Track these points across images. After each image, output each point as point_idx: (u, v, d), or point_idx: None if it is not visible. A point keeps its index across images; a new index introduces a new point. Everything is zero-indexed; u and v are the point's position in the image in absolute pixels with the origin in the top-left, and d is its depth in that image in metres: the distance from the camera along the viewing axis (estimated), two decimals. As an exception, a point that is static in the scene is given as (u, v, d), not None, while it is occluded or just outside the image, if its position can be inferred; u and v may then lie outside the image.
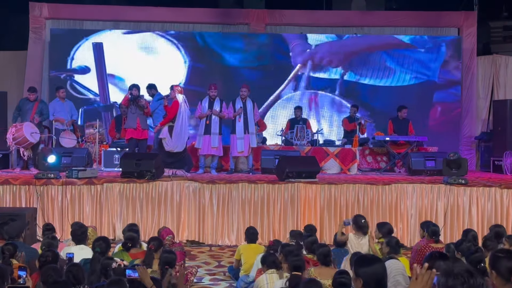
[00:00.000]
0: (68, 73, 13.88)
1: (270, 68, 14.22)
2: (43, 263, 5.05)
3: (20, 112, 11.11)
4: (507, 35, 16.65)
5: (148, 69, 13.67)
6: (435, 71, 14.11)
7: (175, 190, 9.24)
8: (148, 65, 13.89)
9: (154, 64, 13.93)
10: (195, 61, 14.15)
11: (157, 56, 14.10)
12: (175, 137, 10.33)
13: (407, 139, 11.87)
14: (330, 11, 15.05)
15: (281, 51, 14.24)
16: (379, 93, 14.08)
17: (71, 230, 6.68)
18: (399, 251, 5.99)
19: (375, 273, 3.44)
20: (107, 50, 13.95)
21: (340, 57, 14.20)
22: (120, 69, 13.93)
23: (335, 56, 14.19)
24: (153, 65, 13.91)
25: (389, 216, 9.18)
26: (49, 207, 9.05)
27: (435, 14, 14.26)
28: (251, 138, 10.89)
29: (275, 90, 14.17)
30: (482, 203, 9.27)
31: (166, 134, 10.38)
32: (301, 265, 5.23)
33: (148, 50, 14.12)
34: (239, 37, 14.23)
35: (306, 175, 9.54)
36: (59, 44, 13.79)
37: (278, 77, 14.20)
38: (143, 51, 14.10)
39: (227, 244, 9.10)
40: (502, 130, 12.62)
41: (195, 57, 14.15)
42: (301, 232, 7.24)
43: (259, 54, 14.21)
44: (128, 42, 14.06)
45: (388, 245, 6.02)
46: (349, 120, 12.62)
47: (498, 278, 3.56)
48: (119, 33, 14.11)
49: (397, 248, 5.97)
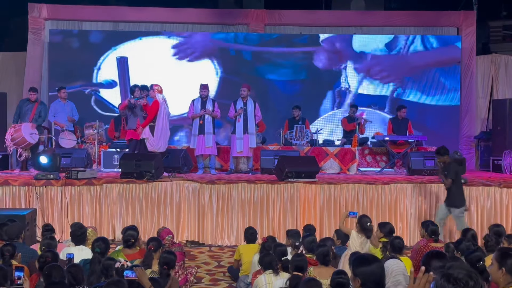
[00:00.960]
0: (93, 87, 13.75)
1: (308, 82, 14.00)
2: (42, 264, 5.05)
3: (20, 113, 11.12)
4: (506, 34, 16.69)
5: (177, 80, 13.37)
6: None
7: (175, 190, 9.24)
8: (178, 76, 13.54)
9: (184, 75, 13.57)
10: (227, 72, 13.97)
11: (187, 67, 13.80)
12: (157, 136, 10.28)
13: (407, 139, 11.88)
14: (329, 11, 15.07)
15: (321, 63, 14.03)
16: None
17: (71, 231, 6.69)
18: (400, 252, 5.95)
19: (373, 273, 3.44)
20: (134, 61, 13.79)
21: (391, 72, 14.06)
22: (146, 81, 13.69)
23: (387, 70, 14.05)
24: (183, 76, 13.55)
25: (389, 216, 9.19)
26: (48, 208, 9.06)
27: (434, 14, 14.25)
28: (251, 139, 10.89)
29: (317, 106, 13.94)
30: (482, 202, 9.28)
31: (148, 134, 10.31)
32: (303, 266, 5.24)
33: (178, 61, 13.93)
34: (277, 51, 13.96)
35: (306, 175, 9.55)
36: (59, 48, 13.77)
37: (319, 91, 13.96)
38: (172, 61, 13.89)
39: (227, 244, 9.11)
40: (502, 129, 12.61)
41: (227, 68, 13.97)
42: (298, 232, 7.24)
43: (297, 67, 14.02)
44: (156, 51, 13.82)
45: (390, 244, 5.99)
46: (348, 120, 12.62)
47: (507, 275, 3.56)
48: (147, 41, 13.90)
49: (398, 249, 5.94)
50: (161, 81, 11.08)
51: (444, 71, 14.01)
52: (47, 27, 13.84)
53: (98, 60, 13.82)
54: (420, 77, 14.02)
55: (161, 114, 10.27)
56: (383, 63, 14.10)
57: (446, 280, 2.80)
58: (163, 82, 11.08)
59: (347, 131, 12.63)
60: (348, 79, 14.08)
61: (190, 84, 12.65)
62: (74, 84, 13.54)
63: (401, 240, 6.10)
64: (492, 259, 3.75)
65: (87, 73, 13.77)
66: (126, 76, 13.75)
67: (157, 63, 13.71)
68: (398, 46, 14.10)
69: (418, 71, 14.02)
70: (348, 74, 14.08)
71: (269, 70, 14.03)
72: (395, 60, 14.10)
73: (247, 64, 14.02)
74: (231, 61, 14.05)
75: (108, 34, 14.00)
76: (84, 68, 13.74)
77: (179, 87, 13.04)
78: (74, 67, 13.62)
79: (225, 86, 13.81)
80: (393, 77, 14.10)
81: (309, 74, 14.07)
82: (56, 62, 13.71)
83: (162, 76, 12.90)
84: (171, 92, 11.71)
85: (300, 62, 14.09)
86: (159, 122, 10.26)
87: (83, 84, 13.68)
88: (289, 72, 14.06)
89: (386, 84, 14.11)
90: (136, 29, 14.15)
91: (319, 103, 13.96)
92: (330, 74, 14.05)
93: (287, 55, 14.04)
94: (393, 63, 14.09)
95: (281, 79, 14.04)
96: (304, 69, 14.10)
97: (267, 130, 12.50)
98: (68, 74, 13.53)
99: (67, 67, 13.59)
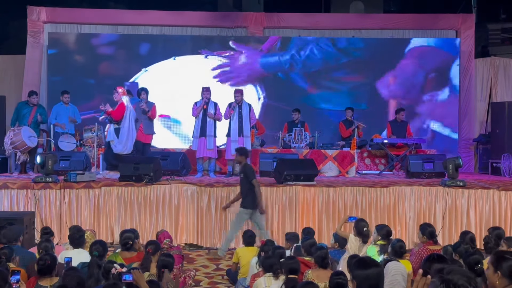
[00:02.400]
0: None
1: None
2: (41, 267, 5.05)
3: (18, 116, 11.13)
4: (505, 37, 16.68)
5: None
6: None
7: (173, 193, 9.24)
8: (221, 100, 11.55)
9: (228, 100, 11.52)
10: (271, 98, 13.85)
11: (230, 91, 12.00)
12: (122, 139, 10.32)
13: (406, 142, 11.88)
14: (328, 14, 15.09)
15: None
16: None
17: (69, 234, 6.68)
18: (401, 256, 5.92)
19: (368, 278, 3.45)
20: (169, 82, 13.65)
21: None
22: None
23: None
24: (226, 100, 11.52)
25: (387, 219, 9.18)
26: (47, 211, 9.05)
27: (433, 17, 14.27)
28: (246, 141, 10.88)
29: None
30: (480, 205, 9.28)
31: (113, 136, 10.36)
32: (296, 268, 5.24)
33: (220, 84, 13.69)
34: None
35: (305, 177, 9.54)
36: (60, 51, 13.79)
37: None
38: (213, 84, 13.13)
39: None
40: (501, 132, 12.63)
41: (271, 94, 13.87)
42: (297, 235, 7.23)
43: (351, 95, 13.88)
44: (194, 72, 13.70)
45: (392, 247, 5.97)
46: (345, 124, 12.60)
47: (503, 279, 3.56)
48: (182, 60, 13.89)
49: (399, 253, 5.91)
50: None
51: (443, 74, 14.00)
52: (46, 30, 13.85)
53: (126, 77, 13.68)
54: (418, 80, 14.03)
55: (126, 117, 10.33)
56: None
57: (446, 286, 2.78)
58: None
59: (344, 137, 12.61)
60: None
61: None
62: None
63: (403, 244, 6.01)
64: (488, 263, 3.75)
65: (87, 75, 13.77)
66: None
67: (195, 84, 12.53)
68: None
69: (416, 74, 14.04)
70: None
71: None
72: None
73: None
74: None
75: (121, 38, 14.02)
76: (85, 72, 13.76)
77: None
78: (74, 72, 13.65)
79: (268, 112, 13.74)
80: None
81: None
82: (55, 66, 13.73)
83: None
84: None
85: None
86: (124, 125, 10.31)
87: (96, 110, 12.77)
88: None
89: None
90: (135, 32, 14.17)
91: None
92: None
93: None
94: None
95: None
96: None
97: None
98: (67, 79, 13.52)
99: (66, 71, 13.61)
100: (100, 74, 13.88)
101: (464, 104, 13.95)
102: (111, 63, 13.97)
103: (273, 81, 13.98)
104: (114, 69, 13.93)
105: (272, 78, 13.97)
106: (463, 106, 13.96)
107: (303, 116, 12.50)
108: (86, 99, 13.38)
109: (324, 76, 13.96)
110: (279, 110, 13.63)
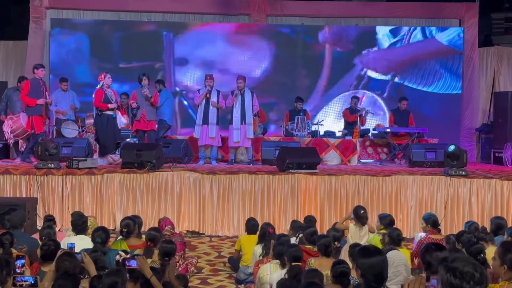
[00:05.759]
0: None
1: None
2: (45, 252, 5.06)
3: (8, 102, 11.04)
4: (509, 26, 16.56)
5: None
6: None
7: (176, 180, 9.24)
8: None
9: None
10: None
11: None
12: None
13: (408, 131, 11.86)
14: (331, 2, 14.98)
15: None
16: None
17: (72, 220, 6.68)
18: (399, 244, 5.98)
19: (372, 266, 3.46)
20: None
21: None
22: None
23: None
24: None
25: (389, 208, 9.18)
26: (49, 197, 9.06)
27: (436, 5, 14.19)
28: (248, 129, 10.87)
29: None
30: (482, 195, 9.27)
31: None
32: (300, 256, 5.25)
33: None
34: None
35: (307, 166, 9.54)
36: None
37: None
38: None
39: (227, 235, 9.11)
40: (503, 121, 12.60)
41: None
42: (302, 225, 7.23)
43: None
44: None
45: (389, 236, 6.03)
46: (350, 111, 12.59)
47: (509, 272, 3.56)
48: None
49: (397, 241, 5.97)
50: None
51: (446, 63, 13.96)
52: (49, 16, 13.79)
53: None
54: (421, 69, 14.00)
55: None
56: (384, 52, 14.21)
57: (452, 275, 2.77)
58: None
59: (349, 122, 12.59)
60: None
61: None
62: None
63: (400, 232, 6.15)
64: (494, 253, 3.75)
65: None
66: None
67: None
68: (399, 36, 14.21)
69: (419, 63, 14.01)
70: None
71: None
72: (397, 50, 14.13)
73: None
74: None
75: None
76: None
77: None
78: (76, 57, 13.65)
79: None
80: (393, 67, 14.18)
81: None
82: (57, 51, 13.69)
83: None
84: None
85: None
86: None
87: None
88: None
89: (387, 75, 14.20)
90: (138, 19, 14.12)
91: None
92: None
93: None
94: (394, 53, 14.17)
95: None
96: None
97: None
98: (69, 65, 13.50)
99: (68, 57, 13.59)
100: (102, 59, 13.87)
101: (466, 93, 13.92)
102: (113, 48, 13.96)
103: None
104: (116, 54, 13.94)
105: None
106: (466, 95, 13.92)
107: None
108: (89, 85, 13.35)
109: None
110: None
